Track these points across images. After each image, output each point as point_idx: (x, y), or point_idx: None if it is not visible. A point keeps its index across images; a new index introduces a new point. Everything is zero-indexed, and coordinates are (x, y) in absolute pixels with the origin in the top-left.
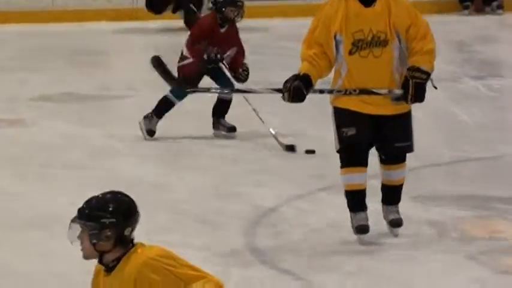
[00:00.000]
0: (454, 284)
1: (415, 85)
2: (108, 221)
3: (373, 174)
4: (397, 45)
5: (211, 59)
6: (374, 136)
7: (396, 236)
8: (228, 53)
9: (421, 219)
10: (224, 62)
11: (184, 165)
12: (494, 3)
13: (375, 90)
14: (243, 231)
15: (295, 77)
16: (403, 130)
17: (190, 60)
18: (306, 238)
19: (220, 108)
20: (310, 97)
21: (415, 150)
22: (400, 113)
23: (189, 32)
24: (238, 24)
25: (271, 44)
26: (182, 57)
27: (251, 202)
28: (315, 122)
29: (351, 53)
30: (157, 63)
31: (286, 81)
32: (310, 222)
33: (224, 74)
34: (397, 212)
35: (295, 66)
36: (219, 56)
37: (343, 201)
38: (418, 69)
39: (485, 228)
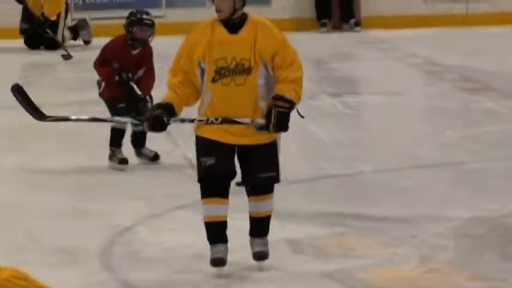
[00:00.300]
0: None
1: (278, 114)
2: None
3: None
4: (263, 73)
5: (121, 80)
6: (241, 166)
7: (261, 270)
8: (137, 74)
9: (277, 237)
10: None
11: (39, 183)
12: (352, 21)
13: (237, 120)
14: (99, 250)
15: (158, 106)
16: (267, 160)
17: (104, 84)
18: (161, 257)
19: (138, 139)
20: None
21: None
22: (264, 143)
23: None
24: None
25: None
26: (98, 82)
27: (107, 221)
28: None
29: (213, 80)
30: (18, 91)
31: (148, 110)
32: (166, 241)
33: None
34: (264, 244)
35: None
36: (129, 75)
37: (200, 220)
38: (282, 98)
39: (340, 245)
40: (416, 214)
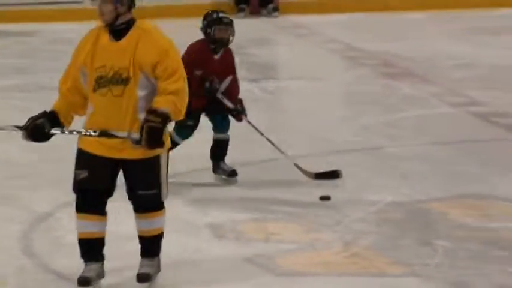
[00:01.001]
0: (231, 287)
1: (148, 129)
2: None
3: None
4: (145, 84)
5: (212, 88)
6: (125, 182)
7: None
8: (224, 83)
9: (199, 222)
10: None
11: None
12: (270, 6)
13: (113, 133)
14: (20, 235)
15: (42, 114)
16: (148, 177)
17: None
18: None
19: (218, 151)
20: None
21: (194, 154)
22: (143, 157)
23: None
24: None
25: (43, 47)
26: None
27: (27, 206)
28: None
29: (94, 90)
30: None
31: (30, 118)
32: None
33: (221, 108)
34: (151, 266)
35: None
36: (217, 85)
37: (120, 206)
38: (154, 112)
39: (262, 230)
40: (338, 199)
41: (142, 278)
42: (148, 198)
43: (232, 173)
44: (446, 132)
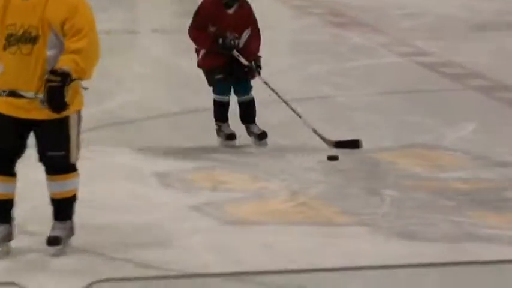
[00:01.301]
0: (178, 235)
1: (48, 89)
2: None
3: None
4: (54, 43)
5: (225, 44)
6: (36, 143)
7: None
8: (242, 38)
9: (146, 171)
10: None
11: None
12: None
13: (22, 93)
14: None
15: None
16: (56, 138)
17: (203, 51)
18: None
19: (242, 113)
20: None
21: (142, 102)
22: (52, 118)
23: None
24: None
25: None
26: (196, 50)
27: None
28: None
29: (4, 48)
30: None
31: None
32: None
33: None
34: (63, 229)
35: None
36: (232, 42)
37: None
38: (55, 71)
39: (209, 179)
40: (285, 148)
41: (51, 241)
42: (57, 160)
43: (262, 135)
44: (394, 82)
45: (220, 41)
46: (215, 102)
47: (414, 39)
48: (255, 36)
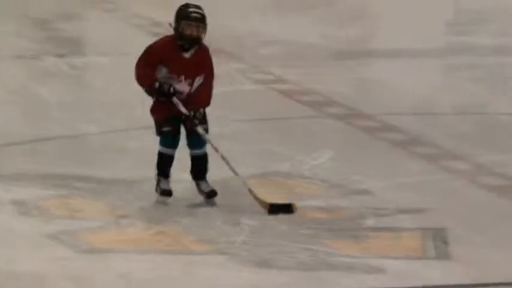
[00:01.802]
0: (33, 264)
1: None
2: None
3: None
4: None
5: (161, 89)
6: None
7: None
8: (195, 83)
9: (3, 199)
10: (176, 95)
11: None
12: None
13: None
14: None
15: None
16: None
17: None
18: None
19: (194, 168)
20: None
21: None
22: None
23: None
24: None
25: None
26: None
27: None
28: None
29: None
30: None
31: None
32: None
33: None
34: None
35: None
36: (170, 88)
37: None
38: None
39: (65, 207)
40: (144, 176)
41: None
42: None
43: (210, 194)
44: (251, 109)
45: (157, 85)
46: (159, 153)
47: (271, 67)
48: (206, 85)
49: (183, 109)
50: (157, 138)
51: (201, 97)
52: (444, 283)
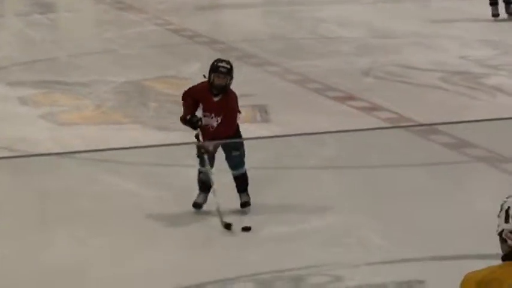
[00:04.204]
0: (32, 132)
1: None
2: None
3: None
4: None
5: (192, 119)
6: None
7: None
8: (217, 120)
9: (10, 95)
10: (207, 127)
11: None
12: None
13: None
14: None
15: None
16: None
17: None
18: None
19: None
20: None
21: None
22: None
23: None
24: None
25: None
26: None
27: None
28: None
29: None
30: None
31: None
32: None
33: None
34: None
35: None
36: (198, 121)
37: None
38: None
39: (49, 99)
40: (101, 79)
41: None
42: None
43: (243, 204)
44: None
45: (189, 117)
46: (198, 171)
47: None
48: (230, 121)
49: (201, 139)
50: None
51: (221, 131)
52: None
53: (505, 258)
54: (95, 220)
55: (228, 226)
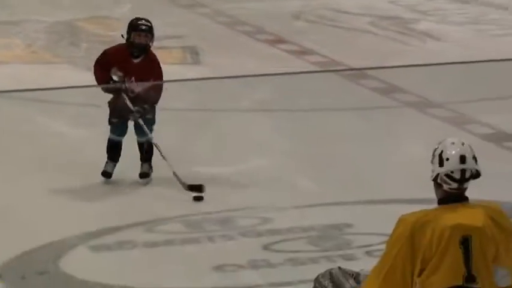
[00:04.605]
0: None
1: None
2: None
3: None
4: None
5: (114, 82)
6: None
7: None
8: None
9: None
10: (127, 90)
11: None
12: None
13: None
14: None
15: None
16: None
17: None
18: None
19: (140, 152)
20: None
21: None
22: None
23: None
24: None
25: None
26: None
27: None
28: None
29: None
30: None
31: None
32: None
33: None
34: None
35: None
36: (124, 84)
37: None
38: None
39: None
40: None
41: None
42: None
43: (144, 174)
44: None
45: (111, 82)
46: (108, 139)
47: None
48: (156, 87)
49: (129, 104)
50: None
51: (147, 97)
52: None
53: (440, 202)
54: (25, 159)
55: (194, 188)
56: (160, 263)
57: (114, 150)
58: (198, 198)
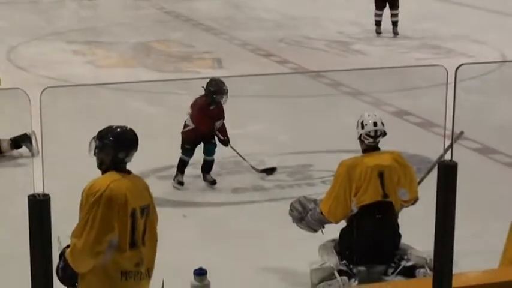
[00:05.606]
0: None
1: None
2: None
3: None
4: None
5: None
6: None
7: None
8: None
9: None
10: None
11: None
12: None
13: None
14: None
15: None
16: None
17: (192, 126)
18: None
19: (205, 166)
20: None
21: None
22: None
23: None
24: None
25: None
26: (185, 125)
27: None
28: None
29: None
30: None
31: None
32: None
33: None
34: None
35: None
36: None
37: None
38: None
39: None
40: None
41: None
42: None
43: (213, 182)
44: None
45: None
46: (181, 159)
47: None
48: (224, 123)
49: (219, 136)
50: None
51: (224, 129)
52: None
53: (364, 151)
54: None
55: (268, 171)
56: None
57: (184, 166)
58: (271, 171)
